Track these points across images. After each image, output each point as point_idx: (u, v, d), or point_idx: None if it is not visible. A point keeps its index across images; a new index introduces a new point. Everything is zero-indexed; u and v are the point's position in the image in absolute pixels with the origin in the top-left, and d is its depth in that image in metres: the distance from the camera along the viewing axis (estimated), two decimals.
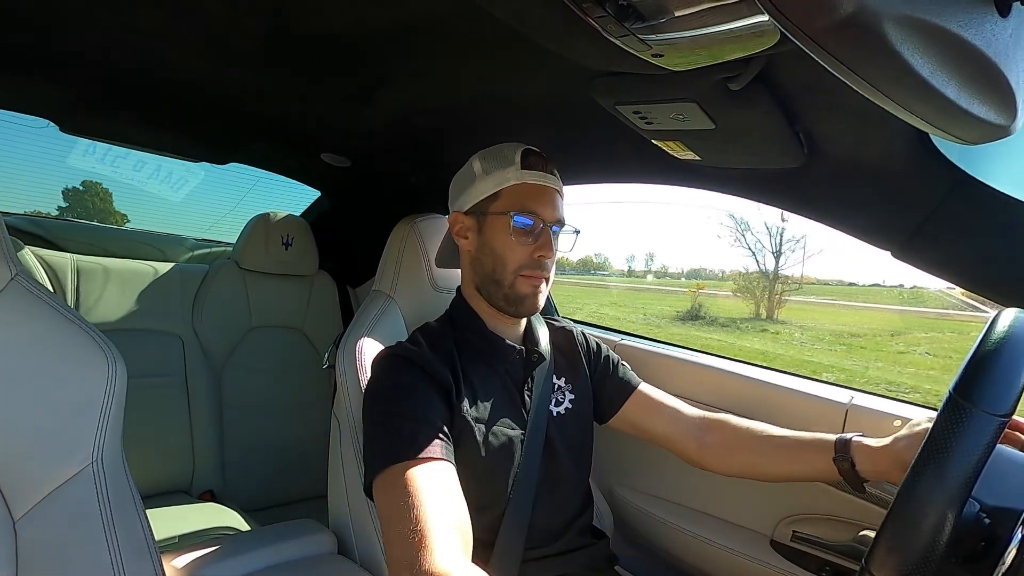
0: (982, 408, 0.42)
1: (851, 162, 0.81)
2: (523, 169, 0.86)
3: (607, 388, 0.99)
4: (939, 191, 0.76)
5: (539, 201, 0.85)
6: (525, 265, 0.85)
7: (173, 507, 1.40)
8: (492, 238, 0.86)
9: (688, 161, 0.95)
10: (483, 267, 0.87)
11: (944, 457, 0.42)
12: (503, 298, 0.86)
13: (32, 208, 2.70)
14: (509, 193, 0.85)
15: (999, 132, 0.45)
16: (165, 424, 1.52)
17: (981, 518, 0.49)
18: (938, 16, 0.34)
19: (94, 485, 0.63)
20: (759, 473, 0.90)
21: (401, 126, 1.21)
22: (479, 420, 0.81)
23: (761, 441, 0.90)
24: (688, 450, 0.95)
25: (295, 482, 1.71)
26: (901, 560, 0.41)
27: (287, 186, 1.85)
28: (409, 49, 0.87)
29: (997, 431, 0.42)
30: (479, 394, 0.83)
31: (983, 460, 0.42)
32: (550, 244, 0.85)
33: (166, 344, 1.57)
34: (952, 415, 0.42)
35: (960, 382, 0.44)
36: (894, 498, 0.44)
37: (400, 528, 0.62)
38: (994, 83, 0.40)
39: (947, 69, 0.37)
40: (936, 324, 15.76)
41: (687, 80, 0.70)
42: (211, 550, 0.91)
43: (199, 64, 0.99)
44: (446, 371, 0.80)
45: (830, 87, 0.68)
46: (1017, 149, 0.76)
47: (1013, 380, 0.43)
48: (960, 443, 0.41)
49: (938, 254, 0.79)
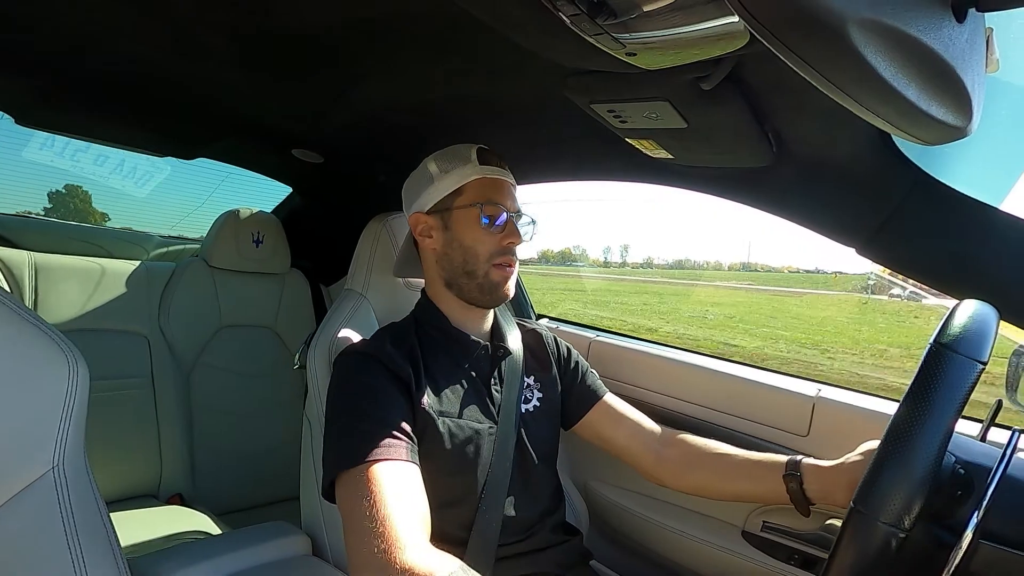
0: (963, 353, 0.45)
1: (817, 161, 0.83)
2: (481, 165, 0.89)
3: (574, 394, 1.01)
4: (900, 190, 0.78)
5: (500, 193, 0.89)
6: (496, 253, 0.87)
7: (140, 510, 1.36)
8: (461, 232, 0.88)
9: (661, 159, 0.96)
10: (452, 262, 0.89)
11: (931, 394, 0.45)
12: (477, 288, 0.88)
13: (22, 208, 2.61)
14: (472, 188, 0.88)
15: (956, 133, 0.46)
16: (131, 427, 1.48)
17: (957, 468, 0.52)
18: (899, 20, 0.36)
19: (55, 490, 0.61)
20: (712, 491, 0.92)
21: (374, 123, 1.19)
22: (443, 413, 0.82)
23: (716, 460, 0.91)
24: (646, 464, 0.96)
25: (267, 484, 1.68)
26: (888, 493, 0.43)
27: (258, 182, 1.81)
28: (382, 46, 0.86)
29: (976, 376, 0.45)
30: (442, 388, 0.84)
31: (964, 402, 0.44)
32: (517, 231, 0.89)
33: (131, 344, 1.52)
34: (936, 362, 0.45)
35: (941, 332, 0.46)
36: (881, 440, 0.46)
37: (361, 527, 0.63)
38: (951, 86, 0.41)
39: (907, 72, 0.38)
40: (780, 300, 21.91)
41: (660, 79, 0.71)
42: (180, 555, 0.89)
43: (165, 58, 0.97)
44: (406, 365, 0.81)
45: (797, 88, 0.70)
46: (973, 150, 0.79)
47: (988, 332, 0.47)
48: (944, 384, 0.44)
49: (899, 251, 0.82)
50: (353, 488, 0.67)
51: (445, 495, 0.74)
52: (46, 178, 2.61)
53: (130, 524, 1.27)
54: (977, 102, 0.45)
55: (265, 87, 1.09)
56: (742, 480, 0.88)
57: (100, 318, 1.49)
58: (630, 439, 0.98)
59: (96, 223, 2.56)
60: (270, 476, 1.68)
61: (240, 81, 1.06)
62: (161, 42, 0.91)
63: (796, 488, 0.81)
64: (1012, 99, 0.74)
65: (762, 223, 77.41)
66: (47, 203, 2.86)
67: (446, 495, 0.76)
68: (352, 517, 0.65)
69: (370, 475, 0.68)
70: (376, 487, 0.66)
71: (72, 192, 2.86)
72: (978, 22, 0.44)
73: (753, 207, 0.96)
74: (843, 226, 0.86)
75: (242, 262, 1.68)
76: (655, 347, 1.33)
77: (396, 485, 0.68)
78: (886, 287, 20.19)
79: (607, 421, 1.00)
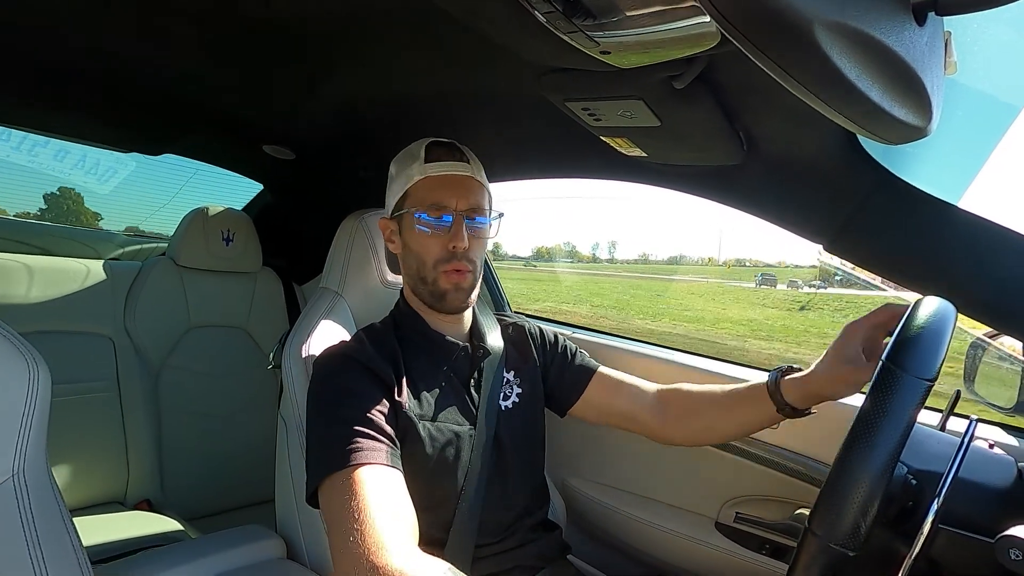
0: (912, 373, 0.46)
1: (785, 160, 0.85)
2: (426, 163, 0.85)
3: (567, 377, 0.99)
4: (865, 188, 0.81)
5: (444, 191, 0.84)
6: (441, 259, 0.84)
7: (106, 515, 1.32)
8: (408, 238, 0.87)
9: (635, 157, 0.97)
10: (409, 268, 0.88)
11: (880, 416, 0.46)
12: (429, 295, 0.87)
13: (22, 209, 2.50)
14: (415, 190, 0.85)
15: (917, 133, 0.48)
16: (96, 431, 1.43)
17: (909, 479, 0.54)
18: (864, 23, 0.37)
19: (15, 498, 0.58)
20: (715, 435, 0.91)
21: (347, 119, 1.18)
22: (423, 417, 0.81)
23: (709, 403, 0.90)
24: (652, 426, 0.94)
25: (240, 487, 1.65)
26: (839, 517, 0.44)
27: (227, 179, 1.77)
28: (355, 40, 0.85)
29: (924, 394, 0.46)
30: (423, 391, 0.83)
31: (913, 420, 0.46)
32: (460, 233, 0.83)
33: (95, 346, 1.47)
34: (886, 380, 0.46)
35: (892, 352, 0.48)
36: (834, 462, 0.47)
37: (346, 532, 0.62)
38: (912, 87, 0.43)
39: (871, 73, 0.39)
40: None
41: (634, 77, 0.72)
42: (149, 561, 0.86)
43: (127, 47, 0.94)
44: (388, 368, 0.79)
45: (767, 88, 0.71)
46: (933, 150, 0.82)
47: (937, 349, 0.48)
48: (893, 404, 0.46)
49: (864, 247, 0.84)
50: (337, 493, 0.66)
51: (425, 498, 0.74)
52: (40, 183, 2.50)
53: (96, 531, 1.23)
54: (937, 103, 0.46)
55: (233, 80, 1.06)
56: (737, 418, 0.87)
57: (61, 319, 1.43)
58: (633, 405, 0.95)
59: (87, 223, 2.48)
60: (242, 479, 1.64)
61: (207, 73, 1.03)
62: (122, 30, 0.88)
63: (782, 403, 0.81)
64: (968, 101, 0.77)
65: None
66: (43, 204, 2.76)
67: (426, 498, 0.75)
68: (337, 522, 0.64)
69: (355, 479, 0.67)
70: (361, 491, 0.65)
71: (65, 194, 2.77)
72: (937, 26, 0.45)
73: (725, 204, 0.98)
74: (811, 223, 0.89)
75: (212, 261, 1.64)
76: (629, 343, 1.35)
77: (381, 489, 0.67)
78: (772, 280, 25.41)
79: (607, 392, 0.97)
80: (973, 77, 0.73)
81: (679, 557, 1.15)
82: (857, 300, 16.00)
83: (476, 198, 0.86)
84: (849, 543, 0.44)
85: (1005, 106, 0.81)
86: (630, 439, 1.24)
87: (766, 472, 1.06)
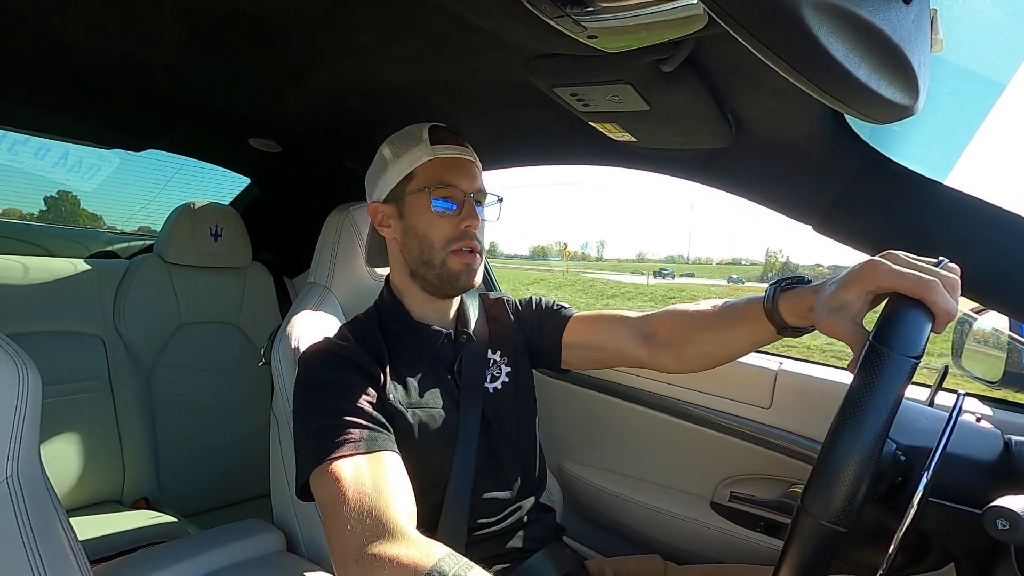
0: (898, 352, 0.46)
1: (774, 141, 0.85)
2: (433, 144, 0.85)
3: (546, 330, 0.97)
4: (853, 168, 0.81)
5: (455, 173, 0.84)
6: (452, 239, 0.84)
7: (104, 515, 1.32)
8: (414, 219, 0.85)
9: (624, 142, 0.97)
10: (411, 251, 0.86)
11: (867, 395, 0.47)
12: (437, 278, 0.85)
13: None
14: (423, 170, 0.84)
15: (904, 112, 0.48)
16: (90, 431, 1.42)
17: (898, 455, 0.55)
18: (851, 2, 0.37)
19: (10, 501, 0.58)
20: (713, 361, 0.86)
21: (333, 109, 1.16)
22: (411, 405, 0.81)
23: (703, 328, 0.85)
24: (641, 357, 0.91)
25: (237, 483, 1.65)
26: (830, 496, 0.45)
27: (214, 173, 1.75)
28: (338, 29, 0.84)
29: (911, 371, 0.47)
30: (409, 381, 0.83)
31: (900, 397, 0.46)
32: (474, 212, 0.84)
33: (85, 346, 1.46)
34: (872, 358, 0.47)
35: (878, 330, 0.48)
36: (824, 442, 0.48)
37: (342, 520, 0.62)
38: (900, 66, 0.43)
39: (859, 52, 0.39)
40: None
41: (621, 62, 0.71)
42: (150, 559, 0.86)
43: (105, 40, 0.91)
44: (372, 360, 0.79)
45: (754, 69, 0.71)
46: (919, 128, 0.82)
47: (922, 327, 0.49)
48: (880, 382, 0.46)
49: (853, 227, 0.85)
50: (331, 483, 0.66)
51: (415, 484, 0.74)
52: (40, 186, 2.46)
53: (95, 530, 1.23)
54: (924, 81, 0.46)
55: (215, 73, 1.04)
56: (736, 334, 0.81)
57: (49, 320, 1.42)
58: (614, 338, 0.92)
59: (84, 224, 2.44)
60: (238, 474, 1.64)
61: (189, 67, 1.02)
62: (101, 24, 0.86)
63: (782, 323, 0.74)
64: (954, 78, 0.78)
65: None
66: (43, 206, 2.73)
67: (416, 484, 0.76)
68: (333, 512, 0.64)
69: (346, 467, 0.67)
70: (356, 479, 0.65)
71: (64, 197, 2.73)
72: (923, 4, 0.45)
73: (715, 187, 0.98)
74: (800, 204, 0.89)
75: (200, 257, 1.62)
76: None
77: (377, 475, 0.67)
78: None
79: (585, 331, 0.95)
80: (958, 54, 0.74)
81: (675, 537, 1.17)
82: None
83: (480, 181, 0.87)
84: (841, 520, 0.45)
85: (990, 83, 0.82)
86: (625, 422, 1.25)
87: (760, 452, 1.08)
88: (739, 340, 0.81)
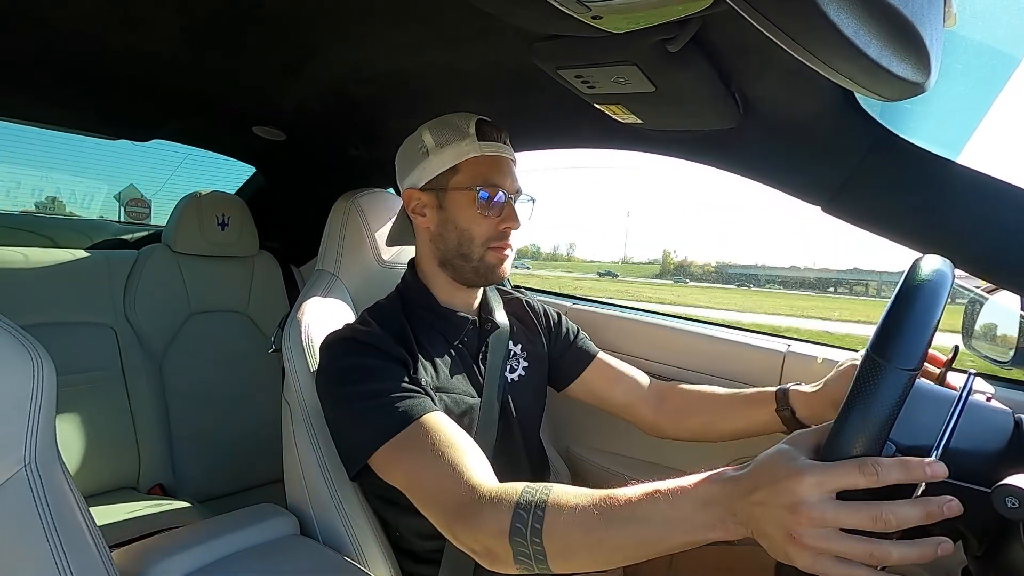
0: (896, 365, 0.46)
1: (783, 121, 0.84)
2: (480, 141, 0.84)
3: (567, 357, 1.02)
4: (863, 147, 0.80)
5: (500, 173, 0.85)
6: (492, 238, 0.85)
7: (121, 504, 1.35)
8: (456, 214, 0.85)
9: (630, 124, 0.96)
10: (447, 242, 0.86)
11: (863, 408, 0.46)
12: (472, 271, 0.87)
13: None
14: (469, 166, 0.84)
15: (916, 89, 0.47)
16: (105, 420, 1.44)
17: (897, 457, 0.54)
18: None
19: (30, 488, 0.59)
20: (711, 433, 0.94)
21: (337, 97, 1.16)
22: (438, 389, 0.82)
23: (710, 402, 0.94)
24: (645, 417, 0.98)
25: (250, 468, 1.67)
26: None
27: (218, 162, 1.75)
28: (339, 16, 0.83)
29: (908, 384, 0.46)
30: (436, 363, 0.85)
31: (897, 409, 0.46)
32: (515, 216, 0.86)
33: (97, 337, 1.47)
34: (869, 371, 0.46)
35: (875, 342, 0.48)
36: (823, 445, 0.48)
37: (430, 484, 0.66)
38: (911, 42, 0.42)
39: (869, 28, 0.38)
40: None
41: (626, 42, 0.70)
42: (167, 542, 0.88)
43: (105, 32, 0.91)
44: (399, 346, 0.80)
45: (762, 47, 0.70)
46: (931, 105, 0.81)
47: (921, 338, 0.48)
48: (877, 395, 0.46)
49: (862, 208, 0.84)
50: (404, 459, 0.69)
51: None
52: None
53: (111, 516, 1.25)
54: (936, 57, 0.46)
55: (219, 62, 1.04)
56: (736, 420, 0.90)
57: (61, 311, 1.43)
58: (628, 395, 0.99)
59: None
60: (251, 460, 1.67)
61: (193, 56, 1.01)
62: (105, 15, 0.85)
63: (790, 417, 0.84)
64: (967, 53, 0.76)
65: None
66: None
67: None
68: (418, 482, 0.68)
69: (413, 439, 0.70)
70: (423, 447, 0.68)
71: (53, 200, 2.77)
72: None
73: (722, 169, 0.97)
74: (808, 184, 0.88)
75: (208, 246, 1.63)
76: (631, 312, 1.35)
77: (440, 436, 0.70)
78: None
79: (604, 379, 1.01)
80: (972, 28, 0.72)
81: None
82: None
83: (518, 181, 0.88)
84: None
85: (1005, 57, 0.80)
86: None
87: (770, 437, 1.08)
88: (741, 422, 0.89)
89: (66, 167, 2.31)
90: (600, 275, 56.72)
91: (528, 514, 0.58)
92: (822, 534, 0.44)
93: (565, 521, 0.56)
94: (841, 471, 0.44)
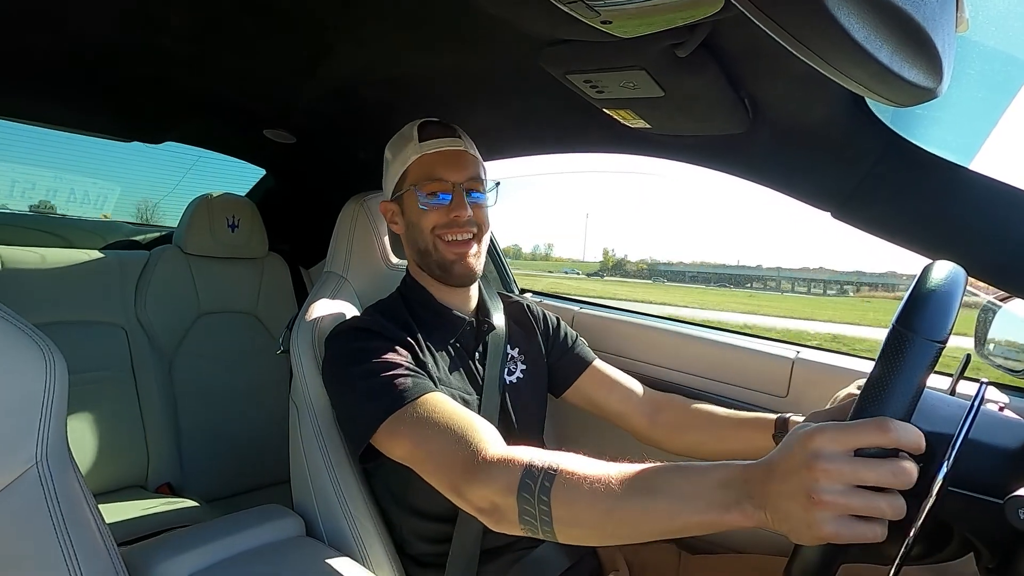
0: (922, 335, 0.45)
1: (792, 126, 0.84)
2: (420, 142, 0.88)
3: (564, 363, 1.03)
4: (873, 153, 0.79)
5: (441, 167, 0.88)
6: (439, 226, 0.87)
7: (130, 502, 1.36)
8: (410, 215, 0.90)
9: (639, 129, 0.96)
10: (414, 244, 0.91)
11: (891, 377, 0.46)
12: (437, 267, 0.89)
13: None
14: (414, 168, 0.89)
15: (927, 95, 0.47)
16: (115, 418, 1.46)
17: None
18: None
19: (41, 485, 0.60)
20: (705, 451, 0.93)
21: (347, 100, 1.16)
22: (440, 382, 0.83)
23: (707, 420, 0.93)
24: (640, 427, 0.98)
25: (257, 469, 1.68)
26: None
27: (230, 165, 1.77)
28: (351, 19, 0.84)
29: (935, 356, 0.46)
30: (437, 360, 0.86)
31: (923, 381, 0.46)
32: (463, 202, 0.87)
33: (108, 336, 1.49)
34: (896, 342, 0.46)
35: (902, 315, 0.47)
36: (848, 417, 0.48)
37: (439, 444, 0.66)
38: (923, 47, 0.42)
39: (880, 33, 0.38)
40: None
41: (636, 47, 0.70)
42: (173, 542, 0.89)
43: (117, 34, 0.92)
44: (403, 334, 0.83)
45: (772, 52, 0.69)
46: (943, 111, 0.80)
47: (948, 309, 0.47)
48: (904, 365, 0.45)
49: (873, 214, 0.83)
50: (409, 430, 0.70)
51: None
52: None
53: (120, 514, 1.26)
54: (948, 63, 0.45)
55: (231, 64, 1.05)
56: (733, 440, 0.90)
57: (74, 310, 1.45)
58: (623, 403, 0.99)
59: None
60: (259, 461, 1.67)
61: (205, 59, 1.02)
62: (118, 17, 0.87)
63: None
64: (980, 58, 0.75)
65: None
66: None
67: None
68: (424, 453, 0.68)
69: (420, 411, 0.71)
70: (436, 412, 0.69)
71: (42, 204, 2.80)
72: None
73: (731, 175, 0.97)
74: (818, 190, 0.87)
75: (218, 248, 1.65)
76: (639, 317, 1.35)
77: (453, 406, 0.71)
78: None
79: (599, 386, 1.01)
80: (985, 33, 0.71)
81: None
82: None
83: (473, 170, 0.90)
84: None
85: (1018, 62, 0.79)
86: None
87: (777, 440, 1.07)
88: (736, 444, 0.88)
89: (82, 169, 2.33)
90: (565, 272, 59.76)
91: (539, 472, 0.58)
92: (841, 490, 0.42)
93: (576, 484, 0.56)
94: (859, 427, 0.44)
